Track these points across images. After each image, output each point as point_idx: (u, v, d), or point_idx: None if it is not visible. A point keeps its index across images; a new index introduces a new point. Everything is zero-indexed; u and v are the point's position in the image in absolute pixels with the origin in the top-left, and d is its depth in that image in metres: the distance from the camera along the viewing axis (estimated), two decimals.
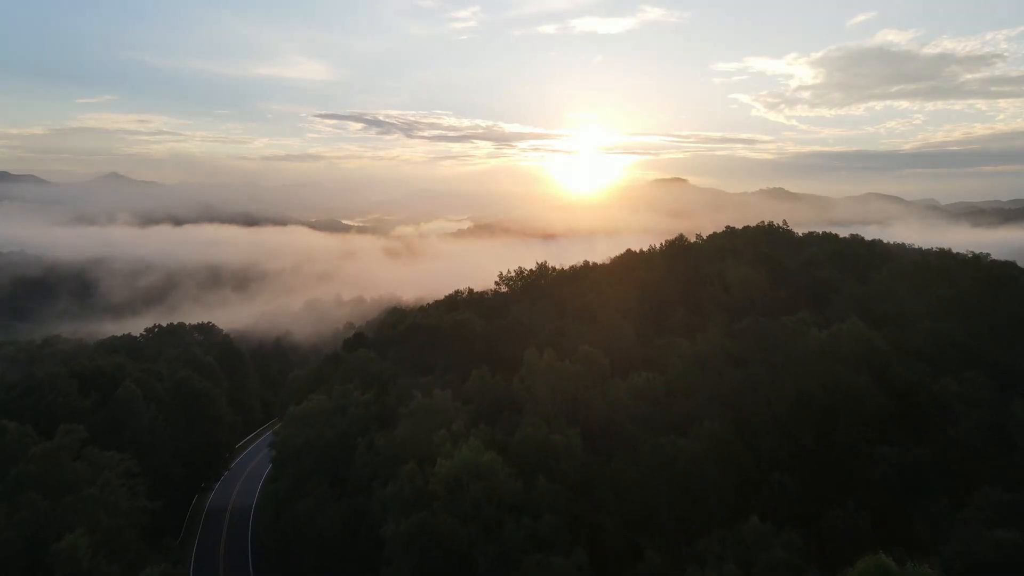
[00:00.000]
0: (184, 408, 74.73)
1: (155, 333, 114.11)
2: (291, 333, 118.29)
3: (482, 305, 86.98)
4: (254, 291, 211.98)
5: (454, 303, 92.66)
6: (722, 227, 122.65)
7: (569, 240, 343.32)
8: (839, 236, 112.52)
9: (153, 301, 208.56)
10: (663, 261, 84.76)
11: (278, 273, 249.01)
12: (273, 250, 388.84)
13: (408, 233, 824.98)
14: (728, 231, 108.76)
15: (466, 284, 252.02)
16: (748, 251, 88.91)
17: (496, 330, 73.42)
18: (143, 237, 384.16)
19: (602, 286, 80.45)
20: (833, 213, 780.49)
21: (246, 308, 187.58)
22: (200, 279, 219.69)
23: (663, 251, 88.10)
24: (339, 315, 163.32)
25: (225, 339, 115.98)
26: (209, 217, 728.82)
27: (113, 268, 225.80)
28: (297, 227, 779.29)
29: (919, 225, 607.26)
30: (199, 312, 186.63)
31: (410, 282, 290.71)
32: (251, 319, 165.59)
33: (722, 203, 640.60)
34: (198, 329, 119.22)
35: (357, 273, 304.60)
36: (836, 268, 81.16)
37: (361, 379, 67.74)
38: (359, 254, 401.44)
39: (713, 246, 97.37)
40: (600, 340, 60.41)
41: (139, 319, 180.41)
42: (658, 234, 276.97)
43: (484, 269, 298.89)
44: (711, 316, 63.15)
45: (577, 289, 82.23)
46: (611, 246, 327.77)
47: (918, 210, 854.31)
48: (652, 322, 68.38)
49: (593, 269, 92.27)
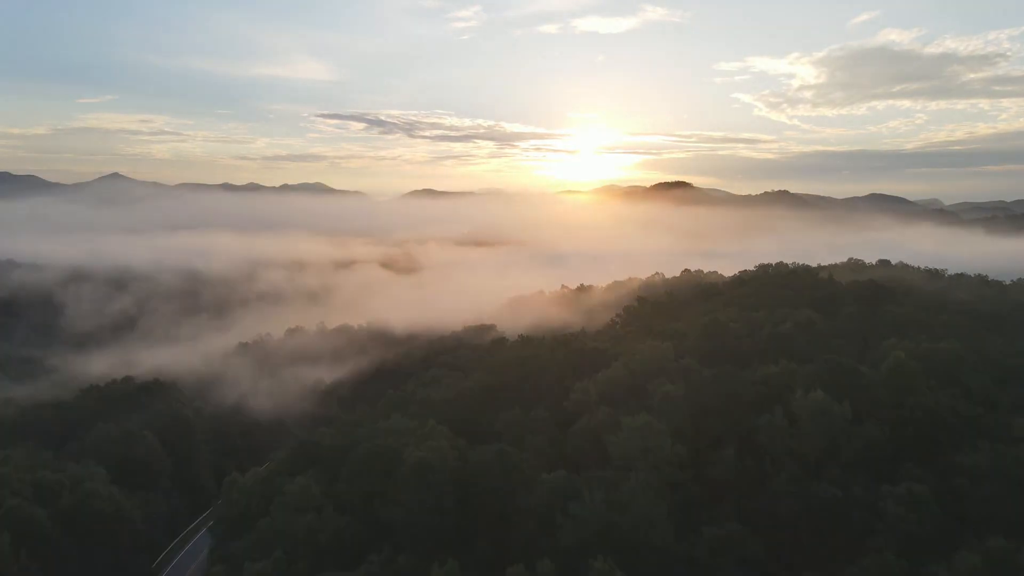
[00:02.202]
0: (80, 536, 58.26)
1: (92, 395, 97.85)
2: (250, 396, 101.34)
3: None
4: (233, 317, 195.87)
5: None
6: (732, 234, 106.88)
7: (577, 257, 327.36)
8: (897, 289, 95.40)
9: (123, 328, 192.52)
10: (696, 375, 59.92)
11: (261, 297, 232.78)
12: (264, 262, 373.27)
13: (408, 238, 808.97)
14: (769, 290, 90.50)
15: (461, 306, 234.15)
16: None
17: None
18: (131, 246, 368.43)
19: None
20: (840, 217, 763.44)
21: (219, 339, 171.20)
22: (177, 303, 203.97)
23: (696, 349, 63.83)
24: (319, 349, 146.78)
25: (174, 405, 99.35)
26: (205, 222, 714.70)
27: (81, 293, 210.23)
28: (295, 231, 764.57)
29: (932, 234, 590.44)
30: (163, 352, 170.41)
31: (406, 301, 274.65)
32: (216, 364, 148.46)
33: (729, 211, 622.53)
34: (145, 390, 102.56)
35: (349, 289, 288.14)
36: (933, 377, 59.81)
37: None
38: (355, 266, 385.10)
39: (761, 337, 71.25)
40: None
41: (101, 353, 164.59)
42: (669, 260, 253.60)
43: (483, 288, 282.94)
44: (778, 466, 44.89)
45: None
46: (620, 268, 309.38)
47: (927, 215, 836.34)
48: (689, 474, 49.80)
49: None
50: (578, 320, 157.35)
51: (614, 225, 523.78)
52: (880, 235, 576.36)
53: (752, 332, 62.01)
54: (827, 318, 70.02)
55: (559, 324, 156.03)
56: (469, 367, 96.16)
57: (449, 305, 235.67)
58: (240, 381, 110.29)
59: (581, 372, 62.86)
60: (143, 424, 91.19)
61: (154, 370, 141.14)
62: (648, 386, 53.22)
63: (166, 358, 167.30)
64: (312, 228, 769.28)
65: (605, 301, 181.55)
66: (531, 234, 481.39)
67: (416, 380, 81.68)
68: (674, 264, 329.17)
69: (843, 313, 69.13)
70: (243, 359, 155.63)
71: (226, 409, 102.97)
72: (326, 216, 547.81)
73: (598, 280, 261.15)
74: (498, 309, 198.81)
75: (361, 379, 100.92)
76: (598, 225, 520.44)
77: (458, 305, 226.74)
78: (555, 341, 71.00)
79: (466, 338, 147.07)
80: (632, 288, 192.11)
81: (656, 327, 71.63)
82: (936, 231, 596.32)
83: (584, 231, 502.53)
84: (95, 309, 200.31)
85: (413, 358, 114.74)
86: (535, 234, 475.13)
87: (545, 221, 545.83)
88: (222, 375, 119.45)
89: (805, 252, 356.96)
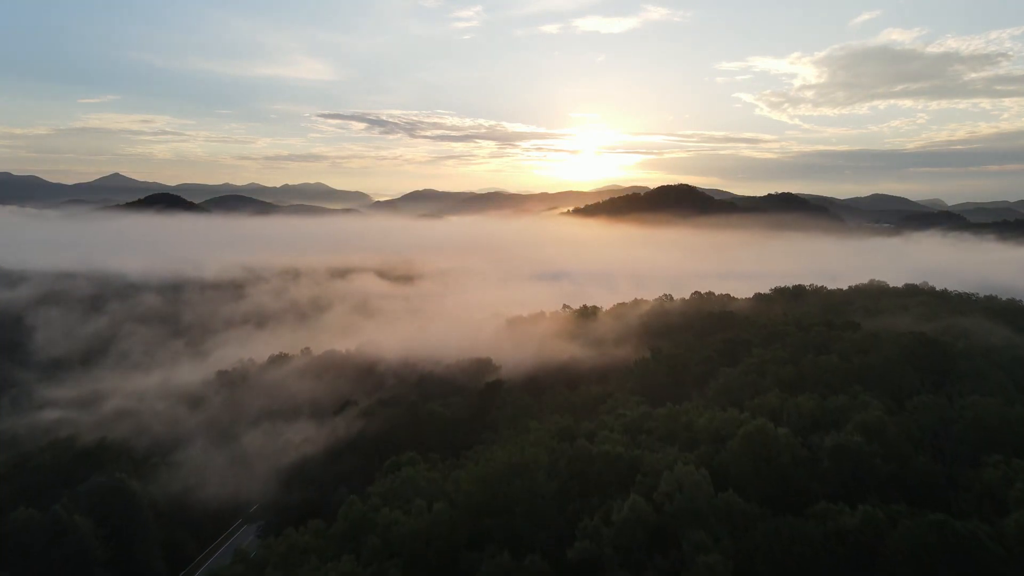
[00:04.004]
0: None
1: (17, 468, 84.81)
2: (209, 472, 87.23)
3: None
4: (210, 345, 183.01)
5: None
6: (740, 244, 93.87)
7: (579, 270, 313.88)
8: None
9: (94, 354, 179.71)
10: (744, 521, 44.59)
11: (244, 319, 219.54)
12: (256, 270, 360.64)
13: (406, 251, 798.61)
14: (807, 354, 76.20)
15: (456, 325, 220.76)
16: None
17: None
18: (116, 258, 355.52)
19: None
20: (847, 223, 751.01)
21: (191, 371, 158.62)
22: (152, 330, 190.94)
23: (738, 471, 48.92)
24: (296, 394, 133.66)
25: (118, 476, 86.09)
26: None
27: (51, 317, 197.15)
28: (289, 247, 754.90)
29: (942, 240, 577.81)
30: (135, 380, 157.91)
31: (398, 313, 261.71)
32: (190, 399, 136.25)
33: (735, 218, 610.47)
34: (85, 457, 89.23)
35: (341, 308, 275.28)
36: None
37: None
38: (351, 277, 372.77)
39: (822, 454, 57.36)
40: None
41: (61, 386, 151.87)
42: (673, 267, 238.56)
43: (479, 303, 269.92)
44: None
45: None
46: (623, 282, 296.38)
47: (934, 219, 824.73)
48: None
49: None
50: (584, 355, 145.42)
51: (614, 235, 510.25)
52: (890, 243, 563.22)
53: (808, 443, 48.69)
54: (894, 409, 56.77)
55: (564, 359, 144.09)
56: (457, 440, 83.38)
57: (444, 324, 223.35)
58: (203, 445, 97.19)
59: (588, 486, 50.01)
60: (76, 504, 78.35)
61: (116, 412, 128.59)
62: (680, 536, 40.17)
63: (135, 388, 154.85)
64: (306, 247, 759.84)
65: (612, 329, 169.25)
66: (530, 243, 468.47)
67: (394, 461, 68.67)
68: (681, 276, 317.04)
69: (914, 404, 55.87)
70: (218, 395, 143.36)
71: (189, 472, 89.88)
72: (323, 235, 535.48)
73: (602, 297, 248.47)
74: (495, 334, 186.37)
75: (337, 446, 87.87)
76: (598, 236, 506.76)
77: (453, 325, 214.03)
78: (555, 436, 57.83)
79: (459, 379, 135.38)
80: (640, 314, 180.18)
81: (680, 418, 58.23)
82: (946, 239, 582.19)
83: (585, 242, 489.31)
84: (65, 331, 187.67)
85: (397, 412, 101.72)
86: (534, 244, 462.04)
87: (544, 231, 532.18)
88: (187, 431, 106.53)
89: (820, 268, 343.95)
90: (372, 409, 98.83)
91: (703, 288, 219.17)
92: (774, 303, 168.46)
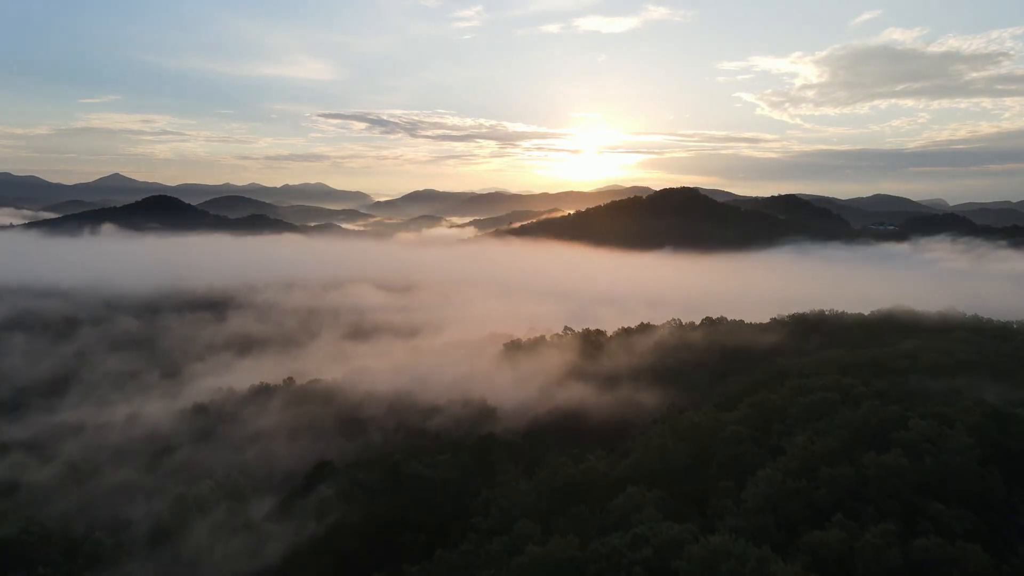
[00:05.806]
0: None
1: None
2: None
3: None
4: (186, 375, 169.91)
5: None
6: (744, 249, 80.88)
7: (578, 285, 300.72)
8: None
9: (58, 385, 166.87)
10: None
11: (227, 343, 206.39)
12: (250, 279, 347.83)
13: (410, 241, 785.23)
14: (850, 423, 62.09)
15: (453, 357, 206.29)
16: None
17: None
18: (101, 272, 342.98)
19: None
20: (852, 230, 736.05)
21: (162, 407, 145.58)
22: (123, 361, 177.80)
23: None
24: (269, 448, 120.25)
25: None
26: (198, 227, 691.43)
27: (14, 343, 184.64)
28: (291, 235, 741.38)
29: (953, 247, 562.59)
30: (101, 413, 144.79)
31: (393, 341, 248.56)
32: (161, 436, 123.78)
33: (740, 224, 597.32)
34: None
35: (334, 322, 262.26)
36: None
37: None
38: (348, 285, 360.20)
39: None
40: None
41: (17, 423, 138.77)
42: (679, 276, 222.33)
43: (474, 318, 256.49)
44: None
45: None
46: (626, 299, 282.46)
47: (940, 222, 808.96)
48: None
49: None
50: (591, 398, 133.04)
51: (615, 244, 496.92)
52: (900, 250, 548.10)
53: None
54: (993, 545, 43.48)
55: (568, 404, 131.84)
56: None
57: (437, 346, 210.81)
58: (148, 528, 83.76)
59: None
60: None
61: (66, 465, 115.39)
62: None
63: (101, 422, 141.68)
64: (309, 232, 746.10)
65: (618, 364, 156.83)
66: (528, 255, 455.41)
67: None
68: (686, 295, 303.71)
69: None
70: (183, 446, 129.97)
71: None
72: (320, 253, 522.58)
73: (605, 315, 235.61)
74: (489, 364, 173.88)
75: (301, 546, 74.64)
76: (598, 245, 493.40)
77: (446, 350, 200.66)
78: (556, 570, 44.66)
79: (446, 427, 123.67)
80: (646, 343, 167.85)
81: (719, 566, 44.93)
82: (957, 246, 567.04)
83: (584, 250, 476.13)
84: (29, 362, 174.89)
85: (376, 479, 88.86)
86: (532, 258, 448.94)
87: (543, 246, 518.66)
88: (138, 504, 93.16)
89: (832, 283, 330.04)
90: (348, 487, 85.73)
91: (711, 306, 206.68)
92: (794, 335, 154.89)
